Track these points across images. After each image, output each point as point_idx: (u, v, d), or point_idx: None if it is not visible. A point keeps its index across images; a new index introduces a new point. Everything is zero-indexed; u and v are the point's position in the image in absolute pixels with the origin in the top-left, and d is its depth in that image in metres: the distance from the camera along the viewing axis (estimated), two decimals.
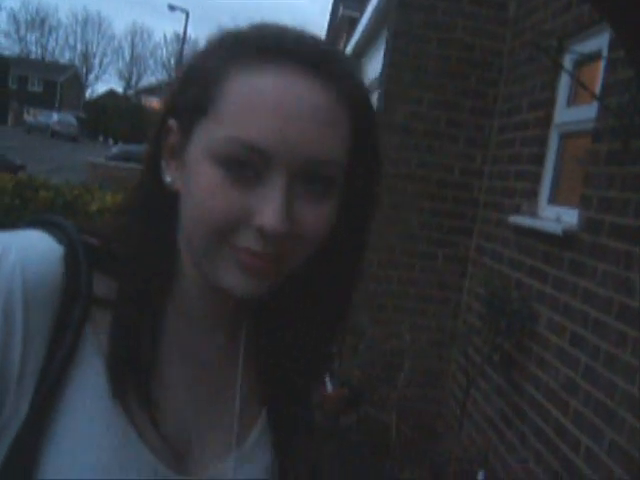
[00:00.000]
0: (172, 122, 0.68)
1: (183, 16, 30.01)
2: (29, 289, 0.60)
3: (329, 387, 3.19)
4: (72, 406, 0.63)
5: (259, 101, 0.60)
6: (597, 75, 3.01)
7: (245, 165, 0.61)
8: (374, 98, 4.88)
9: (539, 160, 3.51)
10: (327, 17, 16.41)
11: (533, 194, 3.51)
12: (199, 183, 0.63)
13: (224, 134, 0.61)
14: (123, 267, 0.67)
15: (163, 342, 0.69)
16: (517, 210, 3.61)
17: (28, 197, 4.59)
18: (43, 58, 60.00)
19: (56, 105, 50.51)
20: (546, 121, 3.49)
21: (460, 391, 4.01)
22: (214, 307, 0.72)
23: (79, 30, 63.73)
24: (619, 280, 2.48)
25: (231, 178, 0.61)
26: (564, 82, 3.42)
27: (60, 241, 0.64)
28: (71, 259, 0.63)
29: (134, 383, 0.65)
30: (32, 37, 62.01)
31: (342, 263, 0.73)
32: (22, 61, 53.95)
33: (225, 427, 0.74)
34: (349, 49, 7.80)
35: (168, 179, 0.68)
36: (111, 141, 39.08)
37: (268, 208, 0.61)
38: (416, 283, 4.23)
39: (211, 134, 0.62)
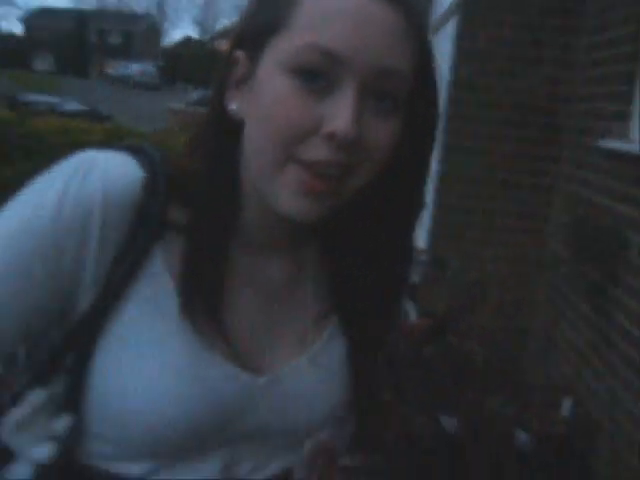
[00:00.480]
0: (238, 53, 0.70)
1: None
2: (108, 206, 0.66)
3: (413, 317, 3.22)
4: (137, 313, 0.68)
5: (336, 11, 0.63)
6: None
7: (319, 75, 0.63)
8: (452, 24, 4.70)
9: (632, 79, 3.30)
10: None
11: (625, 116, 3.32)
12: (272, 95, 0.65)
13: (300, 43, 0.63)
14: (195, 198, 0.71)
15: (229, 270, 0.73)
16: (607, 134, 3.43)
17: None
18: (120, 10, 60.86)
19: (135, 55, 51.53)
20: (639, 36, 3.26)
21: (547, 320, 3.95)
22: (275, 236, 0.76)
23: None
24: None
25: (306, 88, 0.63)
26: None
27: (144, 166, 0.69)
28: (150, 185, 0.68)
29: (203, 302, 0.69)
30: None
31: (405, 187, 0.75)
32: (100, 14, 54.99)
33: (296, 328, 0.78)
34: None
35: (234, 107, 0.70)
36: (189, 88, 39.67)
37: (339, 113, 0.62)
38: (500, 213, 4.14)
39: (285, 46, 0.64)
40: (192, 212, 0.71)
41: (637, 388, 2.81)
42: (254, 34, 0.68)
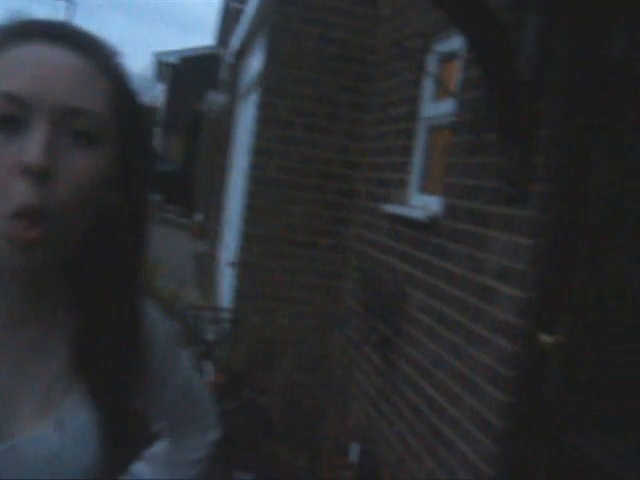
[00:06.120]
0: None
1: None
2: None
3: (210, 374, 3.26)
4: None
5: (18, 61, 0.70)
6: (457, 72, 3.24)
7: (9, 119, 0.68)
8: (256, 94, 4.96)
9: (408, 152, 3.73)
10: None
11: (403, 184, 3.73)
12: None
13: None
14: None
15: None
16: (389, 199, 3.82)
17: None
18: None
19: None
20: (413, 115, 3.72)
21: (343, 372, 4.19)
22: (17, 304, 0.77)
23: None
24: (474, 261, 2.71)
25: (2, 134, 0.68)
26: (430, 78, 3.64)
27: None
28: None
29: None
30: None
31: (125, 230, 0.80)
32: None
33: (39, 393, 0.79)
34: (236, 42, 7.79)
35: None
36: None
37: (29, 147, 0.67)
38: (299, 272, 4.37)
39: None
40: None
41: (419, 429, 3.08)
42: None
